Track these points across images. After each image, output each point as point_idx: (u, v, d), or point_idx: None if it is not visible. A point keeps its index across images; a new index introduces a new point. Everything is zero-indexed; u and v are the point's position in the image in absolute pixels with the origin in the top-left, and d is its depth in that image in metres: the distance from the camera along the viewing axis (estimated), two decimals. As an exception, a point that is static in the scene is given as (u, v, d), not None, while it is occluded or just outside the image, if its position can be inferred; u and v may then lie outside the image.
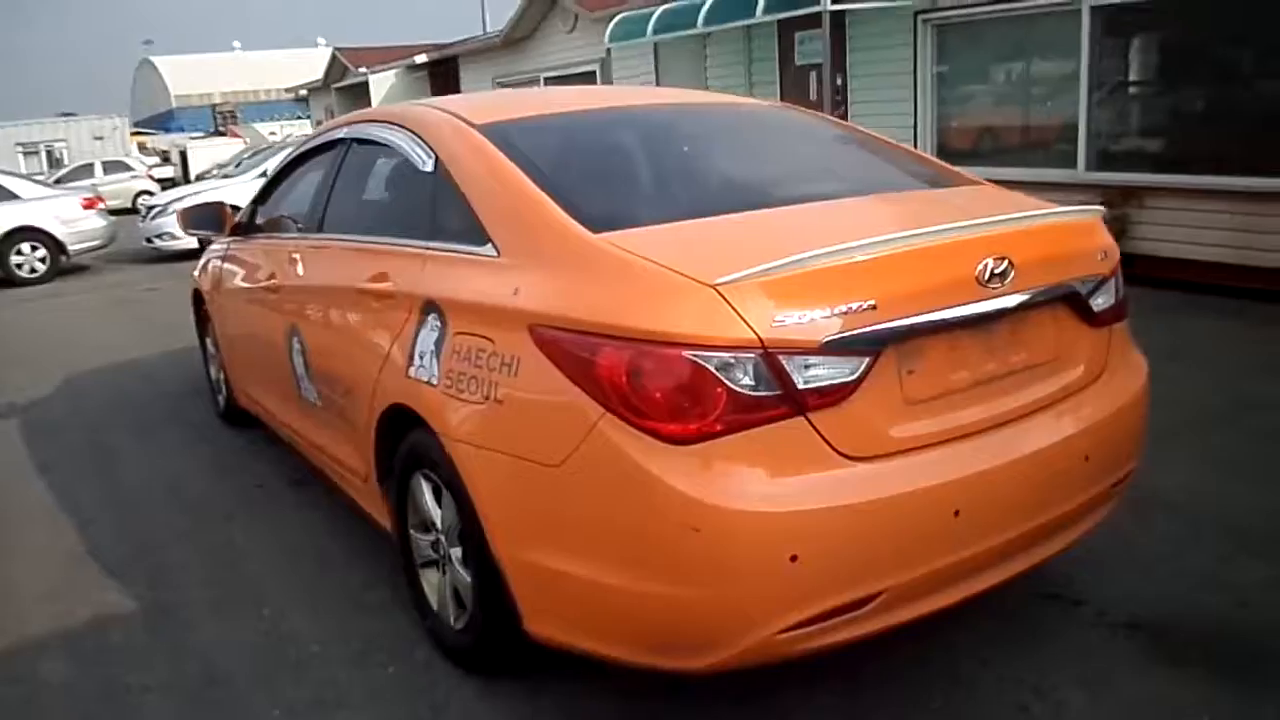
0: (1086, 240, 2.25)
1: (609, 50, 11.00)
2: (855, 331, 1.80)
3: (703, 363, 1.73)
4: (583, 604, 1.97)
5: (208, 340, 4.82)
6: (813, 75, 9.57)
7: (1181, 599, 2.59)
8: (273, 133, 28.86)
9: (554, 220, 2.10)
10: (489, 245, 2.22)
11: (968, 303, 1.95)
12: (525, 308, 1.99)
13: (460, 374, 2.15)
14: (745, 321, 1.73)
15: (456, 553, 2.38)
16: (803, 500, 1.76)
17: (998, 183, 2.69)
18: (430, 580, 2.59)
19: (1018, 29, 7.65)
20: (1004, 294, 2.00)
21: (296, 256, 3.25)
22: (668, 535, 1.76)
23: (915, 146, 8.14)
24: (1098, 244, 2.26)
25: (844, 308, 1.79)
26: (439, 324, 2.27)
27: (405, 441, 2.50)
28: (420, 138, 2.64)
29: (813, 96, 9.59)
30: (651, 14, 9.76)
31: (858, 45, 8.93)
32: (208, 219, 4.10)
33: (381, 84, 18.37)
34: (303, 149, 3.71)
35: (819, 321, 1.77)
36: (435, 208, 2.50)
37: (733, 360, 1.73)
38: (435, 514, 2.45)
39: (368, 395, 2.61)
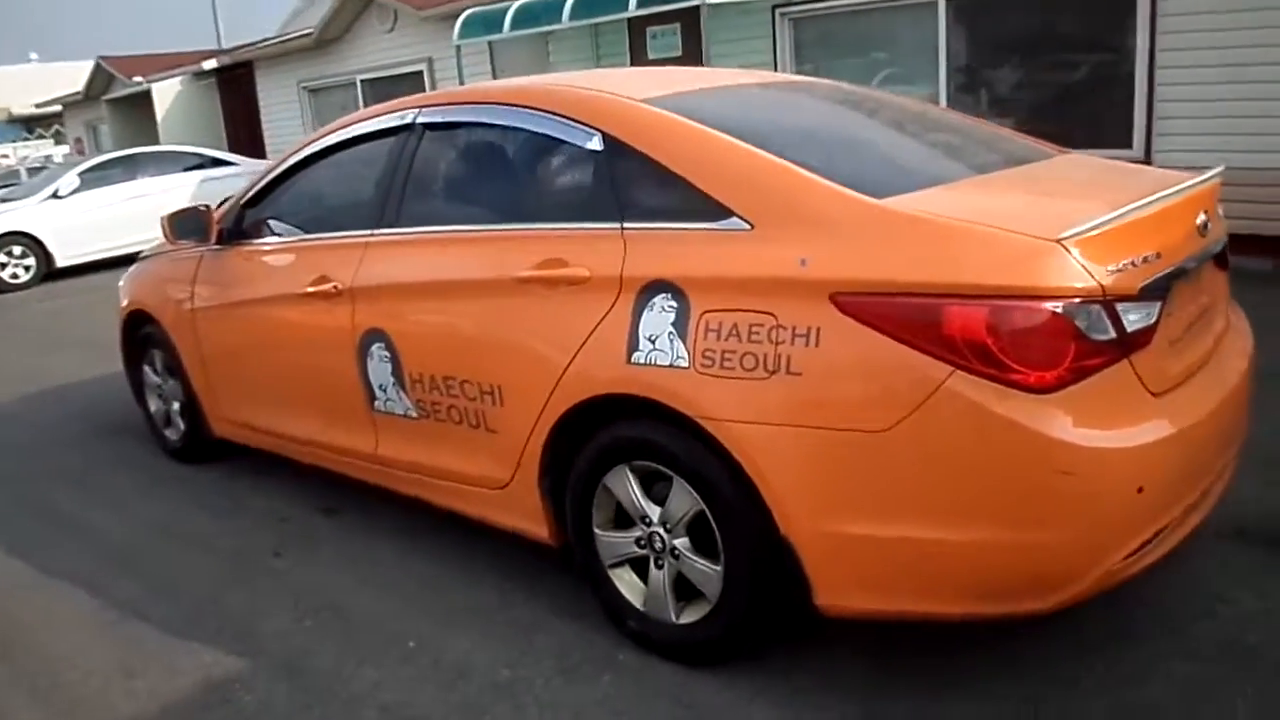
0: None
1: (459, 48, 10.62)
2: (1155, 278, 1.96)
3: (1062, 313, 1.80)
4: (901, 566, 1.97)
5: (149, 367, 4.24)
6: (670, 70, 9.78)
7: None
8: (4, 155, 25.41)
9: (821, 189, 2.08)
10: (732, 219, 2.15)
11: (1196, 250, 2.17)
12: (823, 277, 1.96)
13: (726, 353, 2.08)
14: (1089, 273, 1.83)
15: (682, 543, 2.30)
16: (1143, 436, 1.89)
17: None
18: (625, 579, 2.47)
19: (876, 21, 8.22)
20: (1209, 242, 2.24)
21: (374, 254, 2.94)
22: (1036, 481, 1.82)
23: None
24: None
25: (1144, 256, 1.94)
26: (674, 304, 2.17)
27: (602, 435, 2.37)
28: (572, 118, 2.50)
29: (671, 90, 9.81)
30: (506, 9, 9.54)
31: (717, 39, 9.22)
32: (194, 225, 3.60)
33: (166, 93, 16.64)
34: (319, 145, 3.35)
35: (1133, 270, 1.91)
36: (618, 186, 2.37)
37: (1085, 309, 1.82)
38: (647, 507, 2.34)
39: (540, 393, 2.44)
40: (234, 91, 16.26)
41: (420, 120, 2.96)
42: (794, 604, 2.14)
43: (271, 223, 3.51)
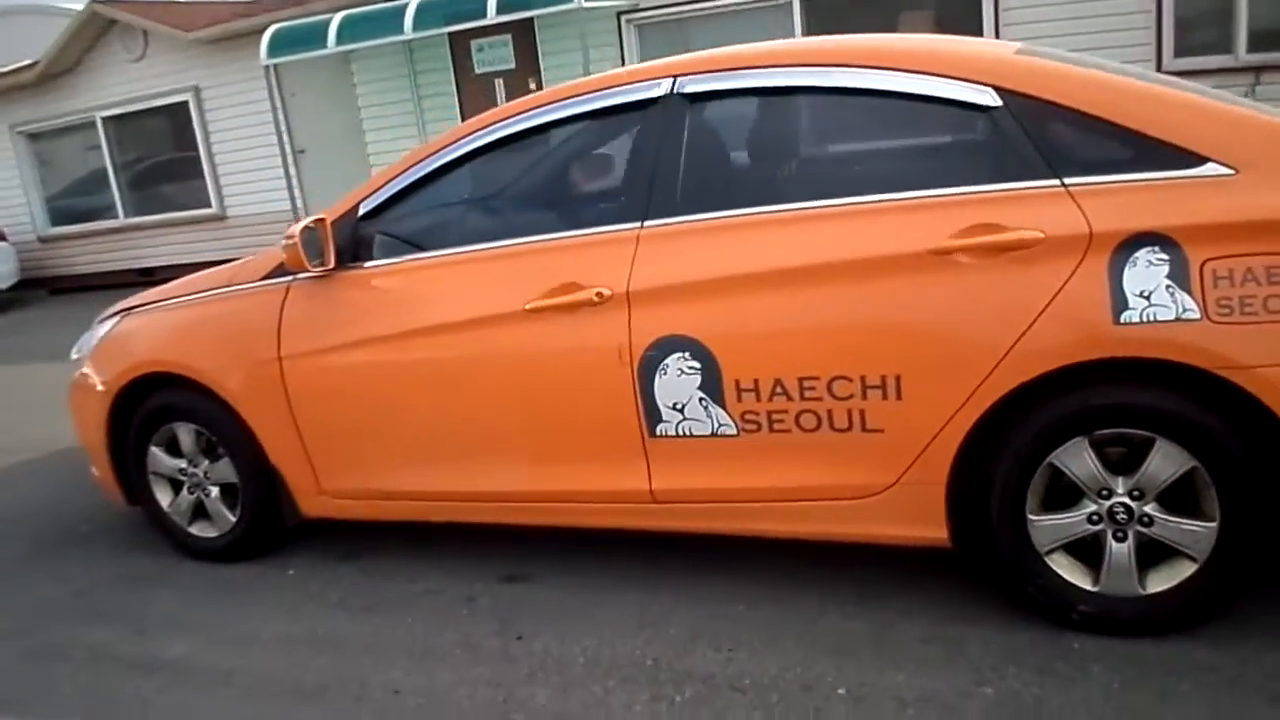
0: None
1: (272, 67, 9.26)
2: None
3: None
4: None
5: (159, 449, 3.26)
6: (498, 83, 9.35)
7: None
8: None
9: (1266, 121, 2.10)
10: (1208, 164, 2.08)
11: None
12: None
13: (1245, 299, 2.00)
14: None
15: (1153, 508, 2.18)
16: None
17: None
18: (1064, 563, 2.30)
19: (728, 25, 8.44)
20: None
21: (658, 247, 2.47)
22: None
23: None
24: None
25: None
26: (1165, 255, 2.05)
27: (1055, 409, 2.18)
28: (953, 76, 2.28)
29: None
30: (326, 21, 8.54)
31: (551, 49, 8.98)
32: (313, 245, 2.80)
33: None
34: (485, 138, 2.76)
35: None
36: (1036, 141, 2.20)
37: None
38: (1107, 479, 2.20)
39: (970, 375, 2.20)
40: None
41: (684, 90, 2.55)
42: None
43: (417, 234, 2.85)
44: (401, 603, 2.91)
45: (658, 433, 2.55)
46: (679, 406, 2.50)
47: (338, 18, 8.56)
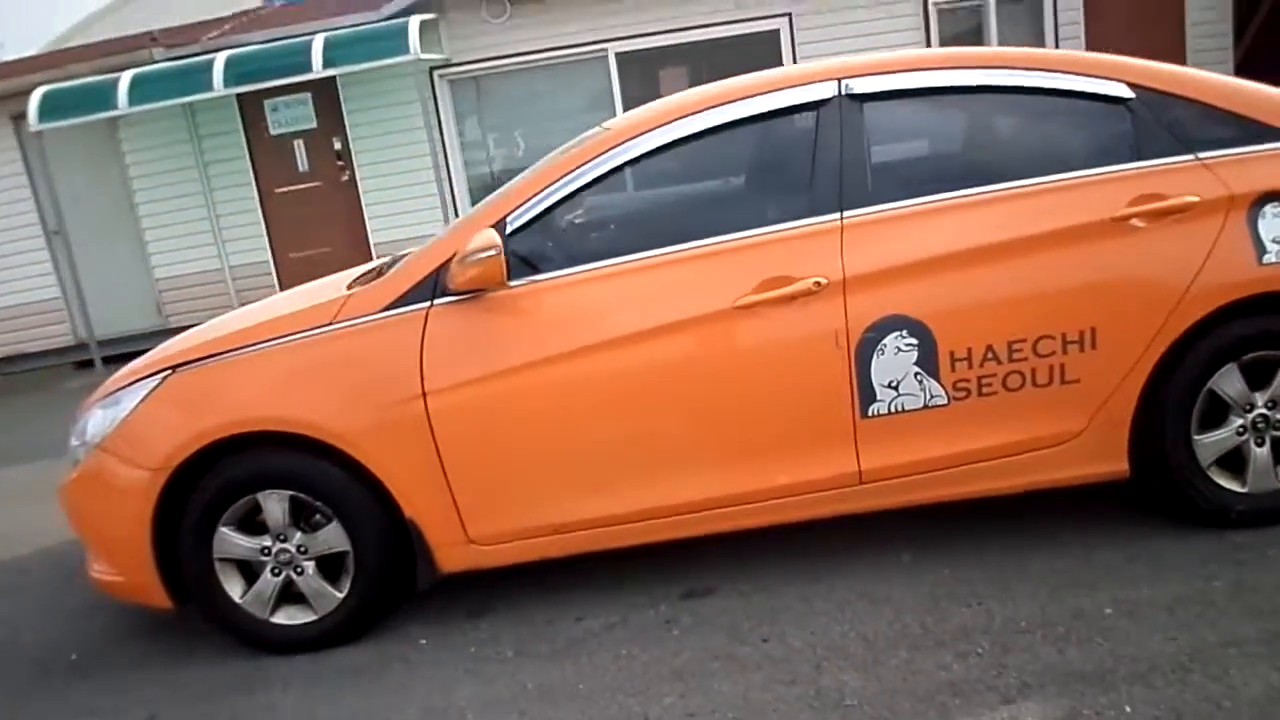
0: None
1: (39, 133, 7.78)
2: None
3: None
4: None
5: (230, 529, 2.77)
6: (298, 144, 8.73)
7: None
8: None
9: None
10: (1282, 137, 2.68)
11: None
12: None
13: (1340, 237, 2.60)
14: None
15: (1285, 412, 2.71)
16: None
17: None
18: (1219, 474, 2.73)
19: (546, 77, 8.60)
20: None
21: (864, 234, 2.61)
22: None
23: (447, 204, 8.54)
24: None
25: None
26: (1288, 208, 2.61)
27: (1216, 340, 2.62)
28: (1092, 74, 2.71)
29: (303, 168, 8.78)
30: (114, 80, 7.41)
31: (358, 106, 8.58)
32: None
33: None
34: (639, 147, 2.75)
35: None
36: (1171, 127, 2.67)
37: None
38: (1251, 396, 2.68)
39: (1153, 319, 2.60)
40: None
41: (852, 91, 2.74)
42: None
43: (579, 245, 2.75)
44: (592, 638, 2.72)
45: (870, 413, 2.67)
46: (894, 384, 2.66)
47: (127, 77, 7.56)
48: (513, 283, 2.68)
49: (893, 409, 2.68)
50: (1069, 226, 2.63)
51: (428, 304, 2.72)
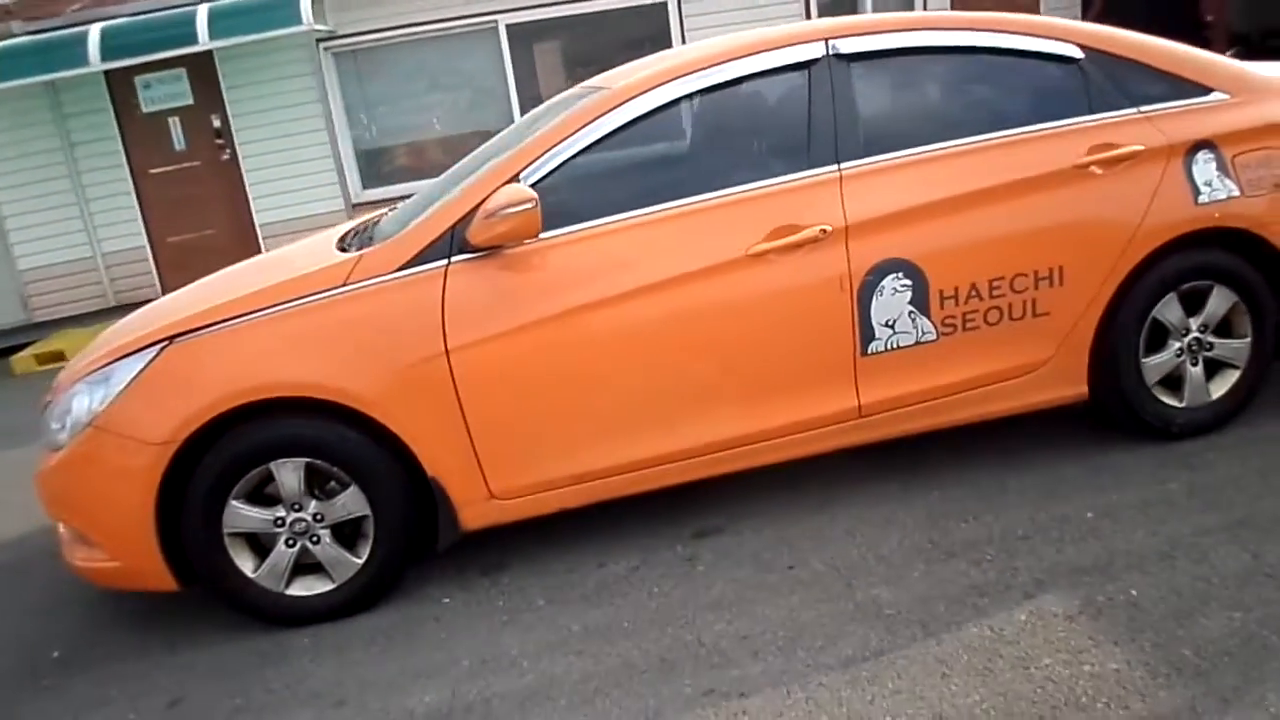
0: None
1: None
2: None
3: None
4: None
5: (241, 502, 2.69)
6: (174, 122, 8.19)
7: None
8: None
9: (1233, 65, 3.14)
10: (1214, 94, 3.03)
11: None
12: None
13: (1258, 179, 2.98)
14: None
15: (1207, 338, 3.09)
16: None
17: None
18: (1162, 392, 3.10)
19: (434, 48, 8.40)
20: None
21: (862, 184, 2.80)
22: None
23: (338, 176, 8.32)
24: None
25: None
26: (1213, 155, 2.95)
27: (1159, 272, 2.96)
28: (1046, 36, 2.99)
29: (179, 147, 8.25)
30: (84, 33, 6.69)
31: (238, 82, 8.13)
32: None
33: None
34: (640, 106, 2.83)
35: None
36: (1116, 83, 2.98)
37: None
38: (1187, 321, 3.04)
39: (1110, 256, 2.91)
40: None
41: (839, 51, 2.91)
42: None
43: (593, 199, 2.81)
44: (620, 581, 2.82)
45: (869, 350, 2.88)
46: (890, 323, 2.87)
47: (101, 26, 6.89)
48: (542, 235, 2.72)
49: (889, 346, 2.89)
50: (1040, 174, 2.91)
51: (445, 261, 2.71)
